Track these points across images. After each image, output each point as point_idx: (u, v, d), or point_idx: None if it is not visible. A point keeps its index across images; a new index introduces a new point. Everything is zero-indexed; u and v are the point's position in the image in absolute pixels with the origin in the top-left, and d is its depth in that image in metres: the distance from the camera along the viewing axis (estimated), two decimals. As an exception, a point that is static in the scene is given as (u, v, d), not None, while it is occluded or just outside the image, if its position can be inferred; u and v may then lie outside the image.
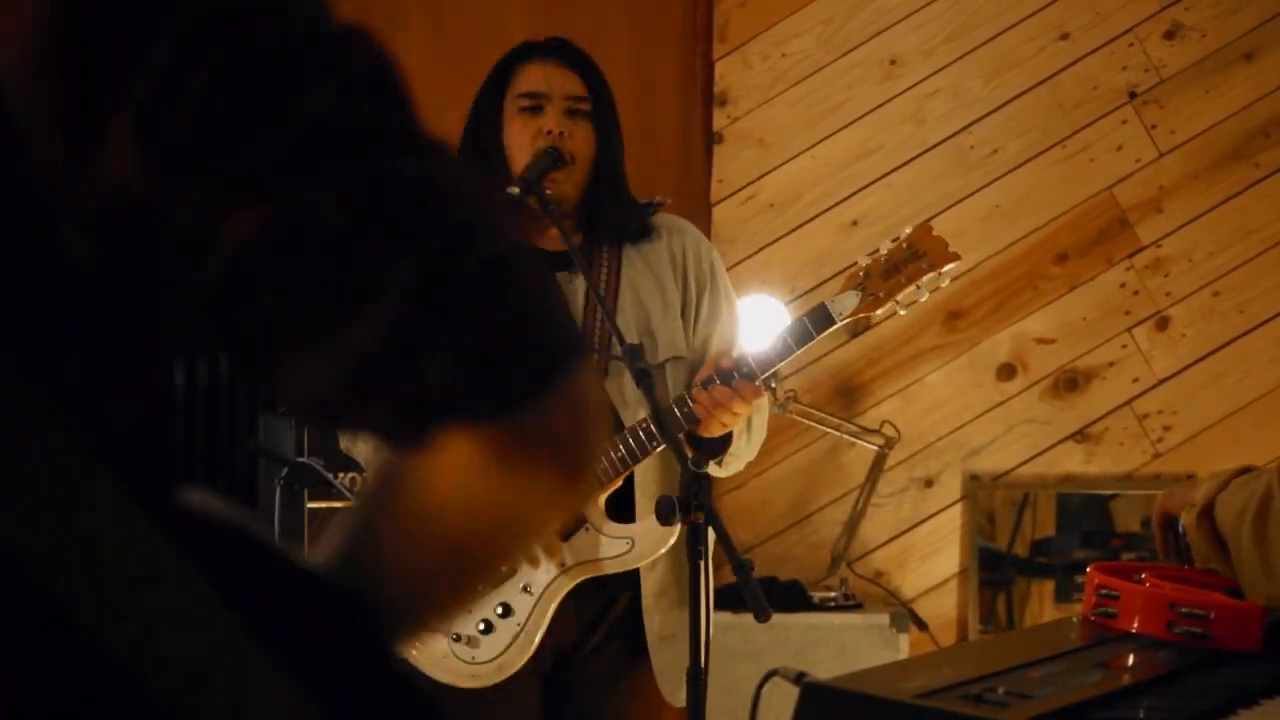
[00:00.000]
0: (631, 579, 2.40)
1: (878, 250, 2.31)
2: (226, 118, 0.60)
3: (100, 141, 0.59)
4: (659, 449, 2.32)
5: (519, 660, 2.36)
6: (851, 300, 2.29)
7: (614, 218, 2.46)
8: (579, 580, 2.36)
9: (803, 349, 2.29)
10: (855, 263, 2.32)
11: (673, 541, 2.32)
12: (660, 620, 2.41)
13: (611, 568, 2.35)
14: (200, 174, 0.60)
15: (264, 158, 0.61)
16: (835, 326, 2.29)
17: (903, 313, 2.33)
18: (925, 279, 2.30)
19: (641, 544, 2.34)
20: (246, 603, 0.60)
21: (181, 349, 0.65)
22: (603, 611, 2.43)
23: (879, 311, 2.31)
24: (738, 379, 2.26)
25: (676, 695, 2.42)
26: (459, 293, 0.65)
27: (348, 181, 0.62)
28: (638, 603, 2.42)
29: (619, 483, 2.35)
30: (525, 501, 0.72)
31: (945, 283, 2.31)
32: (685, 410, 2.30)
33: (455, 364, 0.65)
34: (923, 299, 2.32)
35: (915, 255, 2.29)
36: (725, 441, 2.41)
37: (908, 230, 2.30)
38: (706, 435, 2.34)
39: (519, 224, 0.77)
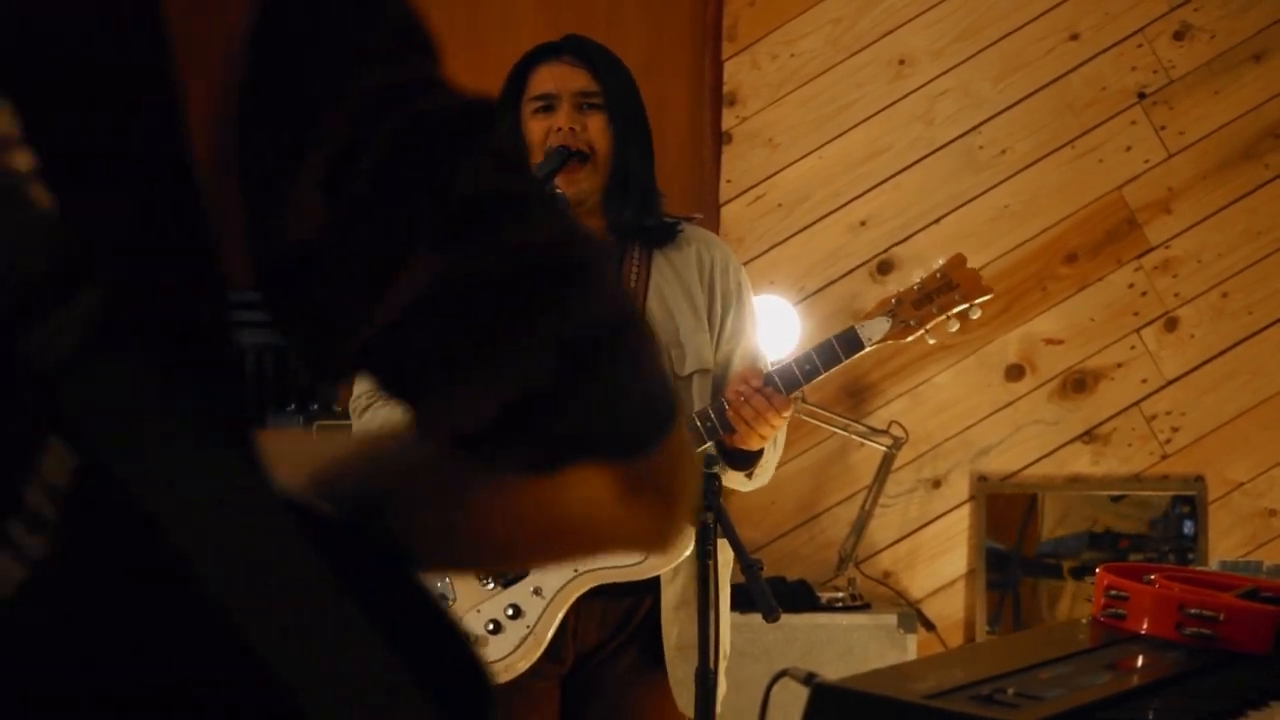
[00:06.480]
0: (655, 584, 2.39)
1: (912, 280, 2.33)
2: (401, 179, 0.70)
3: (290, 189, 0.69)
4: None
5: (525, 662, 2.35)
6: (882, 326, 2.30)
7: (632, 212, 2.43)
8: (589, 586, 2.35)
9: (829, 371, 2.30)
10: (889, 293, 2.34)
11: (689, 551, 2.32)
12: (679, 631, 2.40)
13: (622, 576, 2.34)
14: (377, 224, 0.70)
15: (434, 216, 0.70)
16: (864, 351, 2.30)
17: (931, 342, 2.34)
18: (956, 310, 2.31)
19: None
20: (357, 588, 0.67)
21: (331, 373, 0.76)
22: (627, 616, 2.42)
23: (908, 339, 2.32)
24: (771, 392, 2.27)
25: (692, 706, 2.42)
26: (609, 347, 0.73)
27: (505, 240, 0.72)
28: (658, 609, 2.41)
29: None
30: (633, 525, 0.81)
31: (977, 315, 2.32)
32: (709, 423, 2.30)
33: (602, 411, 0.73)
34: (952, 330, 2.33)
35: (948, 286, 2.30)
36: (754, 453, 2.41)
37: (942, 260, 2.32)
38: (744, 447, 2.34)
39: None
